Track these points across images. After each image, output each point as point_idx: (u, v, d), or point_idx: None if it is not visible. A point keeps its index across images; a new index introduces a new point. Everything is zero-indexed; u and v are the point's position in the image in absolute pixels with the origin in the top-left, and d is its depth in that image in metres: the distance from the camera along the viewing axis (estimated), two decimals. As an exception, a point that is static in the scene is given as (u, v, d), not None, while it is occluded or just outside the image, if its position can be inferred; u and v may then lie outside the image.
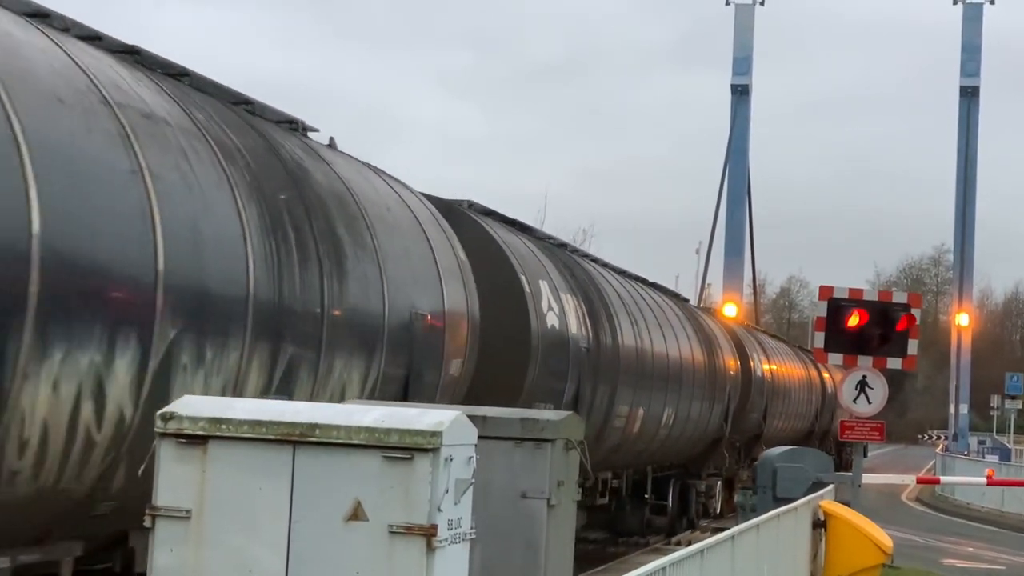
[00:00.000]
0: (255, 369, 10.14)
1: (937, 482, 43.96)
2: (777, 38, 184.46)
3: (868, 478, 24.82)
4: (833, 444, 50.46)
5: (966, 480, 43.81)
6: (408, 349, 12.90)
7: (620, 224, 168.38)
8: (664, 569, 9.61)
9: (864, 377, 20.71)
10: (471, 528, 7.83)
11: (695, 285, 66.13)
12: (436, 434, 7.42)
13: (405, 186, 15.21)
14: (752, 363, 34.25)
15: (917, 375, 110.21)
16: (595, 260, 24.16)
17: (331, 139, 14.15)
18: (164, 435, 7.65)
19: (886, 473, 48.90)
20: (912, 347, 20.22)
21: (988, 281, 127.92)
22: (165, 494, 7.62)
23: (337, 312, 11.48)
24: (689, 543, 16.08)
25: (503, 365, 16.31)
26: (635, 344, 22.19)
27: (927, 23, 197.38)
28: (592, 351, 19.45)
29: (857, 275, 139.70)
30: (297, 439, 7.52)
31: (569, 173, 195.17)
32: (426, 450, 7.40)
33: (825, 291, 20.40)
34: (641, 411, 22.42)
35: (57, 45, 9.21)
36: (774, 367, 39.09)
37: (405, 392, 12.78)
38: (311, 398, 10.75)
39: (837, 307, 20.13)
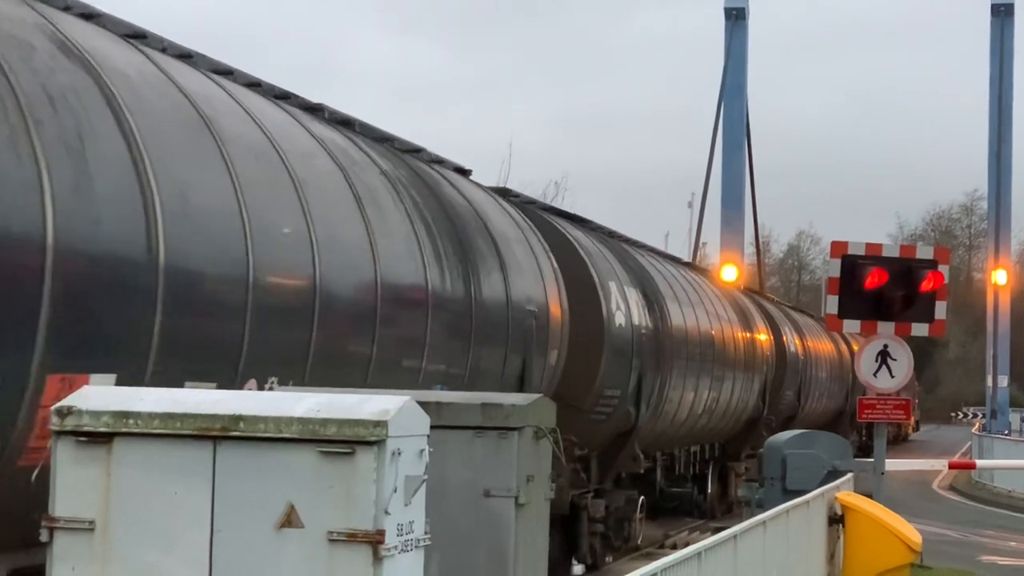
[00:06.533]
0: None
1: (973, 467, 44.11)
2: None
3: (893, 464, 24.92)
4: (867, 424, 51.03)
5: (1007, 464, 43.94)
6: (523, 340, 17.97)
7: (600, 175, 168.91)
8: (656, 575, 9.65)
9: (885, 347, 20.73)
10: (425, 533, 7.83)
11: (688, 244, 66.29)
12: (381, 424, 7.40)
13: (496, 198, 20.28)
14: (785, 339, 39.82)
15: (948, 343, 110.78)
16: (636, 244, 29.70)
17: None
18: (61, 433, 7.62)
19: (914, 458, 49.14)
20: (940, 310, 20.26)
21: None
22: (64, 502, 7.60)
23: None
24: (687, 544, 16.15)
25: (580, 355, 20.75)
26: (683, 327, 27.66)
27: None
28: (650, 339, 24.55)
29: (877, 228, 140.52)
30: (218, 434, 7.50)
31: (540, 119, 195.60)
32: (369, 443, 7.38)
33: (838, 247, 20.39)
34: (691, 395, 28.17)
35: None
36: (807, 343, 44.28)
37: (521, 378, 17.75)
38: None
39: (852, 265, 20.14)
